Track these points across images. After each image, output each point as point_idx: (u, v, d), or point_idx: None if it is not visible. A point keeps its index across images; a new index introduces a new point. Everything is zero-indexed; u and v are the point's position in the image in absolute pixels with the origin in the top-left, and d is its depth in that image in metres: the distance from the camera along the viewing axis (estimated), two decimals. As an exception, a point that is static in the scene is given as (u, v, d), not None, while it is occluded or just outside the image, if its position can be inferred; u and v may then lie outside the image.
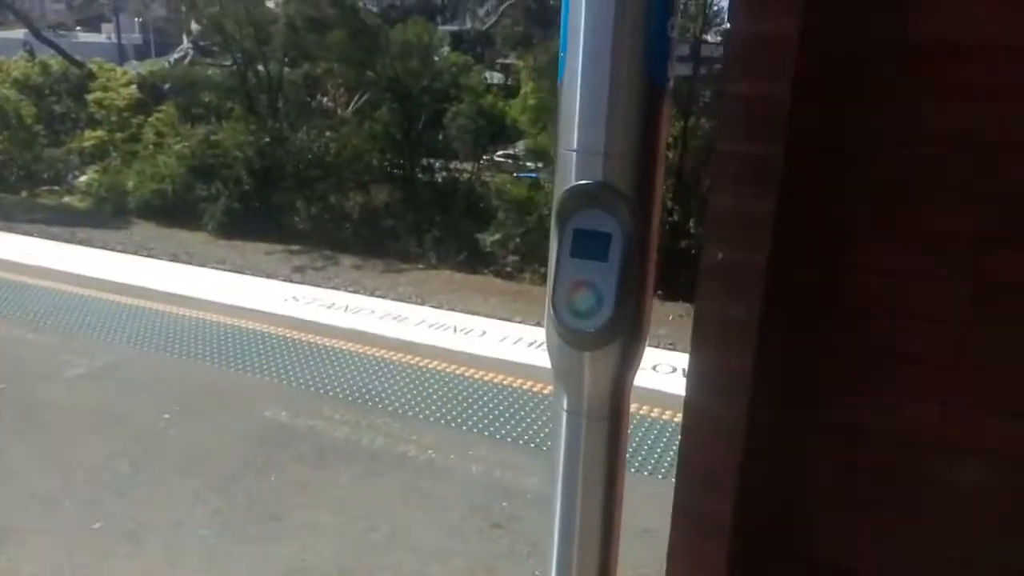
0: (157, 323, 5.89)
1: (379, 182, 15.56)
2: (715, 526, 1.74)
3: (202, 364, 5.14)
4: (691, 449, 1.76)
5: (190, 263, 9.56)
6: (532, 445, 4.12)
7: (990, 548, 1.62)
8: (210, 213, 12.98)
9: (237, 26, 14.73)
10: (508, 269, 13.04)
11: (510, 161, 16.60)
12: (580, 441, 1.74)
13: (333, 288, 9.95)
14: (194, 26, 19.44)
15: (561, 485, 1.80)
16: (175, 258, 10.24)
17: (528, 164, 16.29)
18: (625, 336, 1.61)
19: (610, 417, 1.72)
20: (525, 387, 4.84)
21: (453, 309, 9.07)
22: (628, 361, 1.67)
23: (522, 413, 4.49)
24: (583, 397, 1.70)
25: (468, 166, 16.46)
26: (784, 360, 1.65)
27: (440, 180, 15.90)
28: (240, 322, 5.89)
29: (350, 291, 10.13)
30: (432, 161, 15.86)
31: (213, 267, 9.55)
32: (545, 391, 4.73)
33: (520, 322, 7.38)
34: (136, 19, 27.49)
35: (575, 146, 1.54)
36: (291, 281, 10.06)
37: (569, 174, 1.56)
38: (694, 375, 1.69)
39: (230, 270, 9.72)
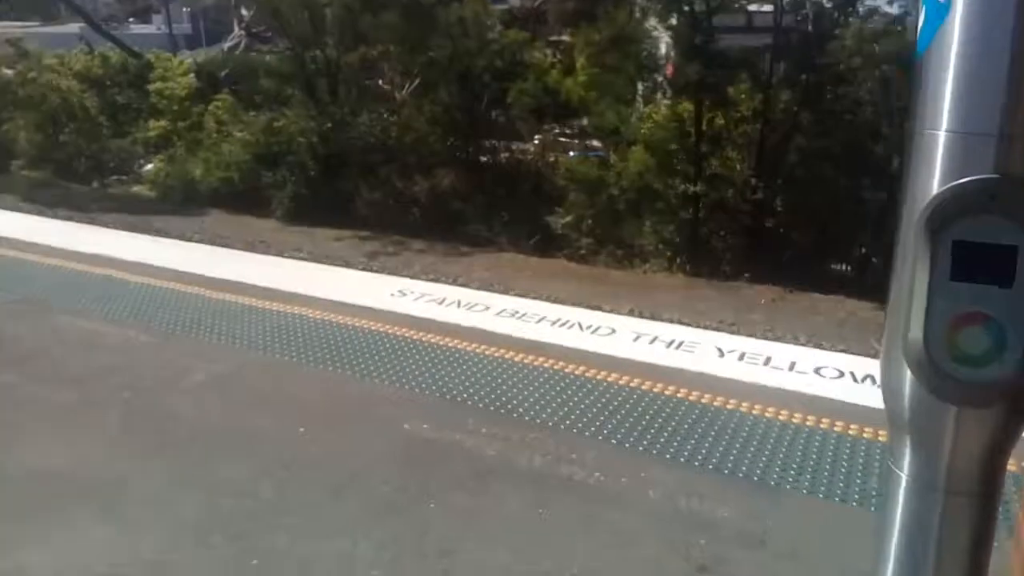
0: (266, 323, 5.60)
1: (443, 165, 15.19)
2: None
3: (324, 370, 4.81)
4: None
5: (268, 253, 9.34)
6: (710, 467, 3.67)
7: None
8: (278, 200, 12.85)
9: (292, 10, 14.41)
10: (582, 252, 12.57)
11: (576, 141, 16.10)
12: (933, 520, 1.31)
13: (411, 277, 9.67)
14: (244, 12, 19.21)
15: (896, 564, 1.38)
16: (251, 246, 10.03)
17: (594, 143, 15.79)
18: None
19: (980, 494, 1.29)
20: (692, 399, 4.35)
21: (537, 297, 8.69)
22: (1017, 420, 1.25)
23: (696, 429, 4.04)
24: (941, 465, 1.28)
25: (530, 146, 15.99)
26: None
27: (504, 161, 15.48)
28: (353, 321, 5.56)
29: (430, 279, 9.84)
30: (495, 142, 15.44)
31: (291, 256, 9.31)
32: (716, 403, 4.29)
33: (634, 315, 6.94)
34: (185, 9, 27.42)
35: (947, 126, 1.15)
36: (369, 270, 9.81)
37: (933, 162, 1.17)
38: None
39: (310, 260, 9.47)
